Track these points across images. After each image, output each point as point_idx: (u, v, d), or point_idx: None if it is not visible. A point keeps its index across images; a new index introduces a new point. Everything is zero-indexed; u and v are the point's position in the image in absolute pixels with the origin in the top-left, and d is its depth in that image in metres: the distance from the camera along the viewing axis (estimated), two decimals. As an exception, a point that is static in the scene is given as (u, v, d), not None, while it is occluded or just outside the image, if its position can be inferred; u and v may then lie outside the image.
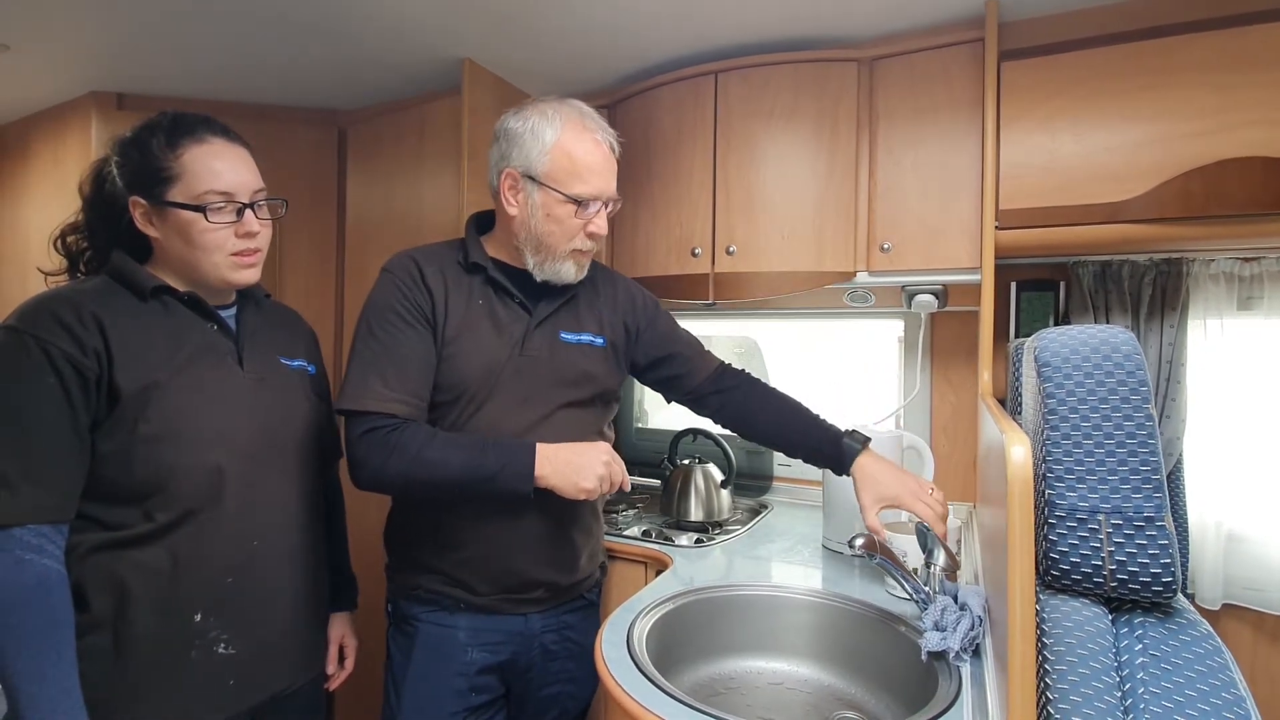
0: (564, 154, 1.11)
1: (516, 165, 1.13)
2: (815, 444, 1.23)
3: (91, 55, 1.73)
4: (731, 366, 1.35)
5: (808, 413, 1.28)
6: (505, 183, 1.14)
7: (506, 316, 1.16)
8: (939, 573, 1.10)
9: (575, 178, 1.11)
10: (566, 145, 1.11)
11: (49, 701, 0.82)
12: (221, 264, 0.98)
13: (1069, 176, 1.33)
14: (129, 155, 0.98)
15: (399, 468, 1.03)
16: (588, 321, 1.23)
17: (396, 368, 1.07)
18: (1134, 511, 0.74)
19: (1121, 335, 0.82)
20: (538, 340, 1.16)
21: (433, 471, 1.03)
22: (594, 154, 1.13)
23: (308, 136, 2.06)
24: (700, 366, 1.32)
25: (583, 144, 1.12)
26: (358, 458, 1.05)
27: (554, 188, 1.11)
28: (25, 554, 0.83)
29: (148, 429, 0.90)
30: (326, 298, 2.09)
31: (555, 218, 1.12)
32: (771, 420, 1.28)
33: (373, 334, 1.10)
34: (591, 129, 1.14)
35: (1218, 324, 1.49)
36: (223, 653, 0.95)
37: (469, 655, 1.15)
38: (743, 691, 1.17)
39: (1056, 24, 1.41)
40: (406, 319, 1.10)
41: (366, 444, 1.04)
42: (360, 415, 1.05)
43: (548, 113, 1.13)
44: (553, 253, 1.14)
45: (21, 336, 0.87)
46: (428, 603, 1.16)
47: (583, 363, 1.19)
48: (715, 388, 1.31)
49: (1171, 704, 0.64)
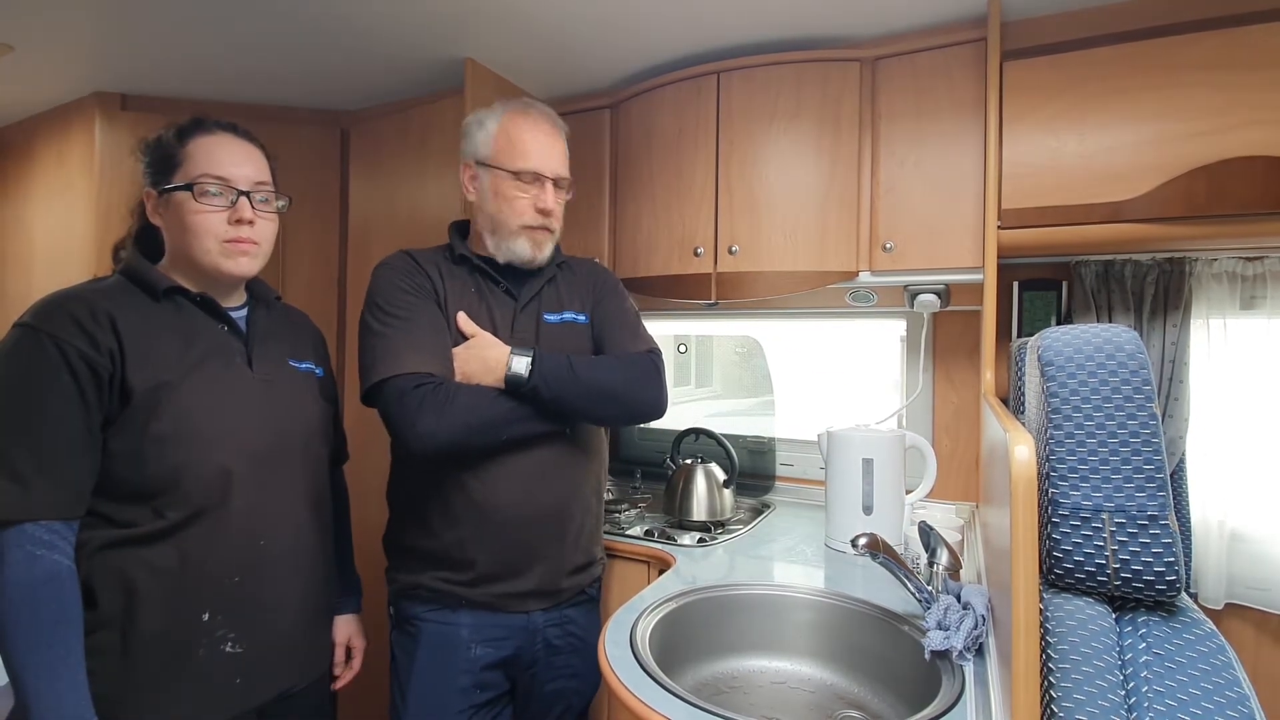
0: (504, 135, 1.22)
1: (469, 156, 1.25)
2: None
3: (95, 56, 1.74)
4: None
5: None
6: (464, 175, 1.26)
7: (495, 302, 1.23)
8: (942, 572, 1.10)
9: (516, 154, 1.20)
10: (506, 127, 1.22)
11: (57, 697, 0.83)
12: (213, 250, 0.98)
13: (1071, 176, 1.33)
14: (149, 152, 1.01)
15: (454, 421, 1.06)
16: (569, 301, 1.29)
17: (421, 335, 1.12)
18: (1137, 510, 0.75)
19: (1125, 334, 0.82)
20: (524, 322, 1.23)
21: (477, 417, 1.08)
22: (532, 132, 1.22)
23: (310, 137, 2.06)
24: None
25: (520, 125, 1.22)
26: (408, 419, 1.06)
27: (497, 165, 1.21)
28: (37, 550, 0.84)
29: (158, 428, 0.91)
30: (329, 298, 2.09)
31: (504, 195, 1.21)
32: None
33: (386, 312, 1.14)
34: (532, 114, 1.24)
35: (1220, 323, 1.49)
36: (230, 651, 0.95)
37: (472, 652, 1.16)
38: (746, 690, 1.17)
39: (1059, 24, 1.41)
40: (416, 295, 1.16)
41: (415, 402, 1.05)
42: (397, 378, 1.07)
43: (494, 107, 1.26)
44: (506, 229, 1.21)
45: (37, 334, 0.88)
46: (429, 601, 1.18)
47: (570, 341, 1.25)
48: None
49: (1175, 703, 0.64)
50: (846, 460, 1.50)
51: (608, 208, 1.92)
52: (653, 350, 1.25)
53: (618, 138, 1.89)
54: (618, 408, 1.18)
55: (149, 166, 1.01)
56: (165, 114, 1.34)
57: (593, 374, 1.15)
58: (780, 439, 2.03)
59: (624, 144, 1.86)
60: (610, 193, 1.92)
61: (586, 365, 1.16)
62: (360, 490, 1.38)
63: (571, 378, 1.12)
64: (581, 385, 1.13)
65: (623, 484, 2.14)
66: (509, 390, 1.12)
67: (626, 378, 1.18)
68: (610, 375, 1.16)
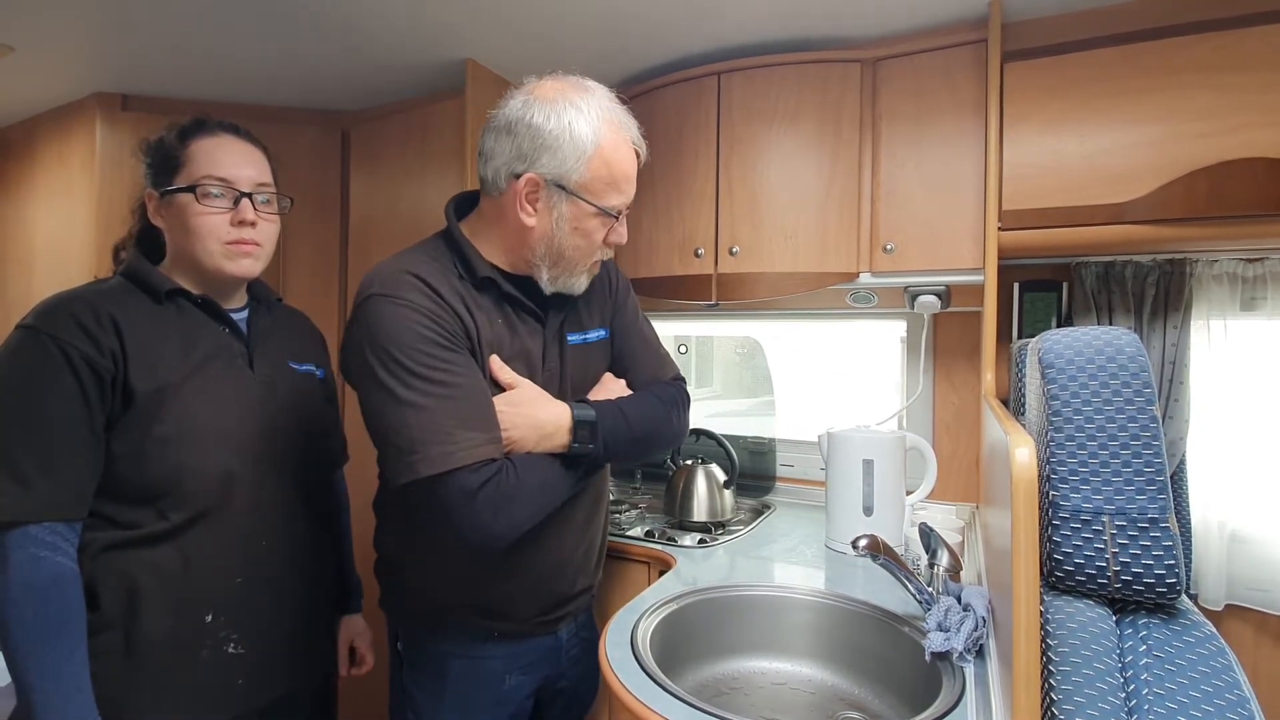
0: (603, 162, 0.96)
1: (545, 172, 0.95)
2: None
3: (96, 56, 1.74)
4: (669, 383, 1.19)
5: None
6: (524, 189, 0.96)
7: (525, 332, 1.04)
8: (942, 573, 1.10)
9: (612, 189, 0.98)
10: (607, 154, 0.96)
11: (60, 698, 0.83)
12: (215, 251, 0.98)
13: (1072, 177, 1.34)
14: (151, 153, 1.01)
15: (526, 513, 0.93)
16: (591, 317, 1.14)
17: (471, 406, 0.91)
18: (1138, 512, 0.75)
19: (1125, 336, 0.82)
20: (551, 351, 1.07)
21: (549, 498, 0.97)
22: (630, 161, 1.00)
23: (311, 138, 2.06)
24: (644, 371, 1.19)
25: (621, 151, 0.98)
26: (480, 522, 0.89)
27: (588, 200, 0.97)
28: (40, 551, 0.84)
29: (161, 430, 0.91)
30: (330, 299, 2.10)
31: (583, 231, 0.99)
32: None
33: (419, 375, 0.89)
34: (627, 130, 1.00)
35: (1221, 325, 1.49)
36: (232, 652, 0.96)
37: (506, 683, 1.07)
38: (746, 692, 1.17)
39: (1060, 25, 1.41)
40: (453, 348, 0.93)
41: (487, 500, 0.88)
42: (458, 474, 0.87)
43: (582, 108, 0.95)
44: (573, 267, 1.01)
45: (39, 336, 0.88)
46: (456, 637, 1.05)
47: (593, 363, 1.14)
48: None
49: (1175, 705, 0.64)
50: (847, 461, 1.50)
51: (608, 208, 1.92)
52: (678, 378, 1.18)
53: (618, 138, 1.89)
54: (654, 449, 1.10)
55: (150, 168, 1.01)
56: (166, 114, 1.33)
57: (643, 426, 1.05)
58: (780, 440, 2.04)
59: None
60: (611, 193, 1.92)
61: (638, 419, 1.04)
62: (360, 491, 1.38)
63: (628, 437, 1.02)
64: (634, 440, 1.03)
65: (623, 485, 2.15)
66: (571, 456, 0.99)
67: (665, 418, 1.09)
68: (653, 418, 1.07)
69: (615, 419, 1.01)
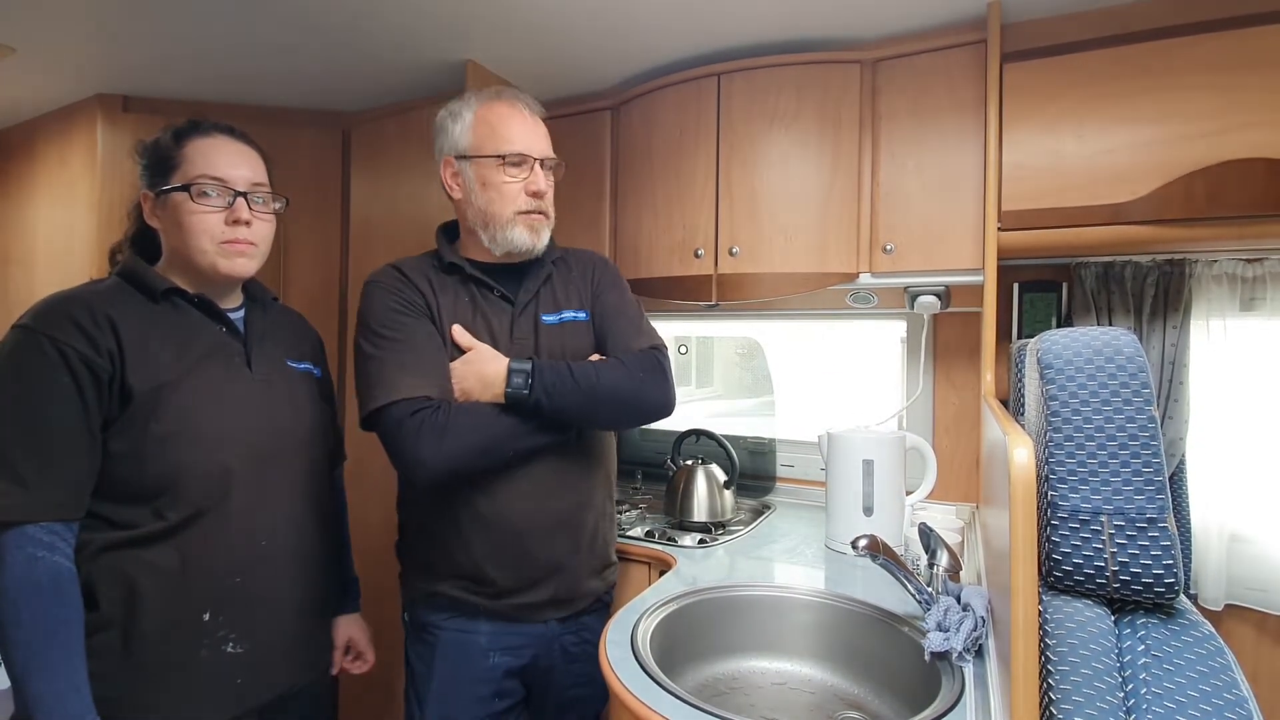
0: (482, 123, 1.17)
1: (447, 152, 1.19)
2: None
3: (97, 58, 1.74)
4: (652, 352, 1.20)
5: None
6: (445, 173, 1.19)
7: (491, 310, 1.18)
8: (942, 573, 1.11)
9: (499, 140, 1.16)
10: (483, 115, 1.17)
11: (58, 698, 0.83)
12: (210, 250, 0.98)
13: (1071, 178, 1.34)
14: (146, 154, 1.01)
15: (456, 446, 1.03)
16: (567, 298, 1.23)
17: (416, 356, 1.08)
18: (1136, 513, 0.75)
19: (1124, 337, 0.82)
20: (522, 327, 1.19)
21: (481, 437, 1.05)
22: (512, 116, 1.18)
23: (312, 138, 2.07)
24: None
25: (498, 110, 1.18)
26: (407, 449, 1.02)
27: (481, 154, 1.16)
28: (38, 551, 0.84)
29: (159, 429, 0.91)
30: (330, 299, 2.10)
31: (492, 184, 1.16)
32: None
33: (378, 334, 1.10)
34: (506, 98, 1.19)
35: (1220, 325, 1.49)
36: (231, 652, 0.96)
37: (491, 660, 1.15)
38: (746, 691, 1.17)
39: (1059, 26, 1.42)
40: (409, 314, 1.12)
41: (414, 429, 1.02)
42: (393, 406, 1.03)
43: (464, 98, 1.21)
44: (499, 220, 1.16)
45: (36, 336, 0.88)
46: (448, 609, 1.16)
47: (571, 341, 1.20)
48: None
49: (1174, 704, 0.64)
50: (847, 461, 1.50)
51: (608, 209, 1.92)
52: (656, 346, 1.18)
53: (618, 139, 1.89)
54: (624, 411, 1.14)
55: (146, 168, 1.01)
56: (167, 115, 1.34)
57: (596, 379, 1.09)
58: (781, 440, 2.04)
59: (625, 145, 1.86)
60: (611, 194, 1.92)
61: (588, 371, 1.10)
62: (359, 490, 1.38)
63: (574, 386, 1.08)
64: (584, 393, 1.08)
65: (623, 485, 2.15)
66: (510, 405, 1.08)
67: (631, 379, 1.11)
68: (614, 378, 1.10)
69: (558, 374, 1.09)
